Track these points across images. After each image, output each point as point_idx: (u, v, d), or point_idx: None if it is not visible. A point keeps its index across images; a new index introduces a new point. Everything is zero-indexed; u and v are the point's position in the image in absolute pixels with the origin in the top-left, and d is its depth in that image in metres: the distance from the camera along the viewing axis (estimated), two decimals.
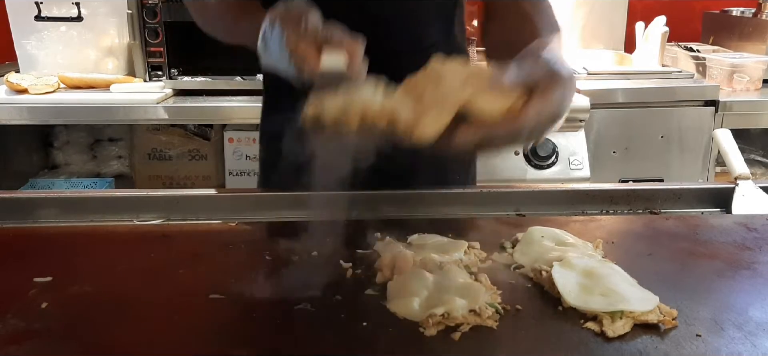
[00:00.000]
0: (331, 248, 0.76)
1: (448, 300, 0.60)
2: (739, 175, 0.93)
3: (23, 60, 1.89)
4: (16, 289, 0.66)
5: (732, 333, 0.58)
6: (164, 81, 1.84)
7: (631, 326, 0.58)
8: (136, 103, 1.73)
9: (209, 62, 1.91)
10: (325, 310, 0.61)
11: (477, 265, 0.71)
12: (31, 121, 1.73)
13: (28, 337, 0.57)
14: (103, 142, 2.16)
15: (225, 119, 1.86)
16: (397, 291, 0.63)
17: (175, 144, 2.03)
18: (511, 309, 0.61)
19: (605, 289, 0.62)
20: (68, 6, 1.85)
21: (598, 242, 0.75)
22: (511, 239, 0.77)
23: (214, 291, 0.65)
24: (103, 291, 0.66)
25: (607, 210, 0.92)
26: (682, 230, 0.84)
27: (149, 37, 1.82)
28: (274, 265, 0.72)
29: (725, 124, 1.91)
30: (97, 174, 2.15)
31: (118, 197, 0.90)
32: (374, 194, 0.91)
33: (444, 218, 0.86)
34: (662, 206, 0.92)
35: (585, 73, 2.00)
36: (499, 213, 0.91)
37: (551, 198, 0.93)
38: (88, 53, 1.91)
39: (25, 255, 0.76)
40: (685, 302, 0.62)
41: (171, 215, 0.88)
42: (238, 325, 0.60)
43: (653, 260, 0.73)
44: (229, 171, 1.95)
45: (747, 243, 0.78)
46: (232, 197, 0.91)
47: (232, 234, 0.81)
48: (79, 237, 0.83)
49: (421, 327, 0.58)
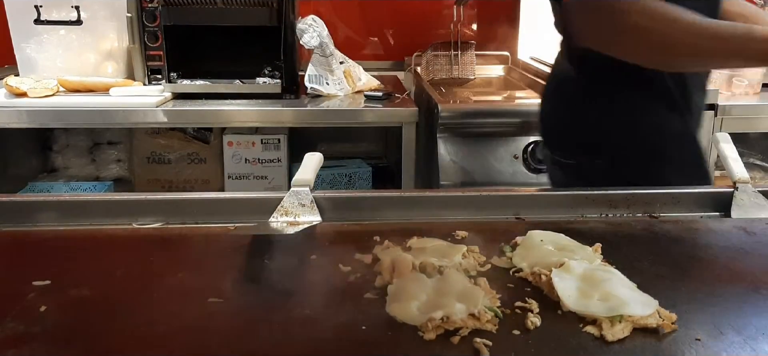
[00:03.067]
0: (331, 252, 0.76)
1: (447, 304, 0.60)
2: (739, 179, 0.93)
3: (22, 63, 1.89)
4: (14, 292, 0.65)
5: (731, 337, 0.58)
6: (164, 84, 1.84)
7: (631, 330, 0.58)
8: (135, 106, 1.73)
9: (209, 66, 1.91)
10: (324, 314, 0.61)
11: (476, 269, 0.71)
12: (31, 124, 1.72)
13: (26, 341, 0.57)
14: (103, 145, 2.16)
15: (224, 123, 1.86)
16: (396, 295, 0.63)
17: (175, 148, 2.03)
18: (510, 313, 0.61)
19: (604, 293, 0.62)
20: (68, 9, 1.85)
21: (597, 246, 0.75)
22: (510, 242, 0.77)
23: (213, 294, 0.65)
24: (101, 294, 0.66)
25: (606, 214, 0.92)
26: (682, 234, 0.84)
27: (149, 41, 1.82)
28: (273, 269, 0.72)
29: (724, 128, 1.91)
30: (97, 178, 2.15)
31: (118, 201, 0.90)
32: (374, 197, 0.91)
33: (443, 222, 0.86)
34: (661, 210, 0.92)
35: None
36: (499, 217, 0.91)
37: (551, 202, 0.93)
38: (87, 57, 1.91)
39: (23, 259, 0.76)
40: (684, 306, 0.62)
41: (170, 219, 0.88)
42: (237, 329, 0.60)
43: (652, 265, 0.73)
44: (229, 175, 1.95)
45: (746, 247, 0.78)
46: (232, 201, 0.91)
47: (232, 238, 0.81)
48: (78, 241, 0.83)
49: (420, 330, 0.58)
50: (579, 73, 1.13)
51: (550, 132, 1.23)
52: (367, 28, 2.53)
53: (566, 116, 1.17)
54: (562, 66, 1.19)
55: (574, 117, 1.15)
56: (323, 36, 1.91)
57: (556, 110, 1.20)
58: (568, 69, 1.16)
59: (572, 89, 1.15)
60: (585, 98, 1.12)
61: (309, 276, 0.72)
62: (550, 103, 1.23)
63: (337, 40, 2.17)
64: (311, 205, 0.87)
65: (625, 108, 1.09)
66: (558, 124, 1.20)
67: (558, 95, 1.20)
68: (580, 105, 1.13)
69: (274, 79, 1.86)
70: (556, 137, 1.21)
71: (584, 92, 1.12)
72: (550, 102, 1.23)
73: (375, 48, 2.54)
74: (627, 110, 1.09)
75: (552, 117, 1.21)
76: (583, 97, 1.12)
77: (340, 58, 2.03)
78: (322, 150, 1.00)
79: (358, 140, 2.31)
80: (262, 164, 1.94)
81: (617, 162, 1.09)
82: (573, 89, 1.15)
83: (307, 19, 1.90)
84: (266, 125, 1.85)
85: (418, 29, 2.50)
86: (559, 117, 1.19)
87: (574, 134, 1.15)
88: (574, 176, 1.15)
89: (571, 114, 1.16)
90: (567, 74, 1.17)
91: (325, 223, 0.85)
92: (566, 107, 1.17)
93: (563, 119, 1.18)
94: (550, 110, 1.22)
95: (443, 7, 2.47)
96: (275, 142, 1.93)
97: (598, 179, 1.03)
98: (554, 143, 1.21)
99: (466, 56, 2.35)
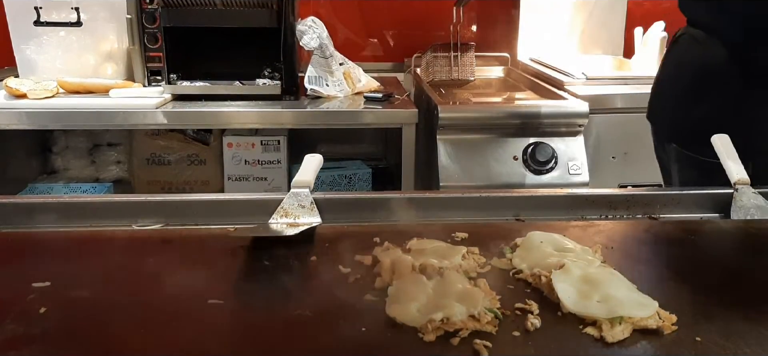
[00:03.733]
0: (330, 253, 0.76)
1: (447, 305, 0.60)
2: (738, 180, 0.93)
3: (22, 65, 1.89)
4: (14, 294, 0.65)
5: (731, 338, 0.58)
6: (163, 86, 1.84)
7: (631, 331, 0.58)
8: (135, 108, 1.73)
9: (208, 67, 1.91)
10: (324, 315, 0.61)
11: (476, 270, 0.71)
12: (30, 126, 1.72)
13: (26, 342, 0.57)
14: (102, 147, 2.16)
15: (224, 124, 1.86)
16: (396, 296, 0.63)
17: (174, 149, 2.03)
18: (510, 315, 0.61)
19: (604, 294, 0.62)
20: (68, 11, 1.85)
21: (597, 248, 0.75)
22: (510, 244, 0.77)
23: (213, 296, 0.65)
24: (101, 296, 0.66)
25: (606, 215, 0.92)
26: (681, 235, 0.84)
27: (148, 42, 1.82)
28: (273, 270, 0.72)
29: None
30: (96, 179, 2.15)
31: (117, 202, 0.90)
32: (374, 198, 0.91)
33: (443, 223, 0.86)
34: (661, 212, 0.92)
35: (584, 79, 2.01)
36: (499, 218, 0.91)
37: (550, 203, 0.93)
38: (87, 58, 1.91)
39: (23, 260, 0.76)
40: (684, 307, 0.62)
41: (170, 220, 0.88)
42: (237, 330, 0.60)
43: (652, 266, 0.73)
44: (228, 176, 1.95)
45: (746, 248, 0.78)
46: (232, 202, 0.91)
47: (232, 239, 0.81)
48: (77, 242, 0.83)
49: (420, 332, 0.58)
50: (748, 64, 1.07)
51: (683, 126, 1.16)
52: (367, 30, 2.53)
53: (715, 109, 1.11)
54: (713, 59, 1.13)
55: (731, 112, 1.09)
56: (323, 37, 1.91)
57: (698, 102, 1.13)
58: (724, 63, 1.10)
59: (736, 88, 1.09)
60: (752, 96, 1.07)
61: (309, 278, 0.72)
62: (687, 91, 1.16)
63: (337, 41, 2.17)
64: (311, 206, 0.87)
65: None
66: (698, 117, 1.13)
67: (713, 91, 1.13)
68: (740, 101, 1.08)
69: (273, 80, 1.86)
70: (697, 134, 1.11)
71: (752, 89, 1.07)
72: (685, 90, 1.16)
73: (375, 49, 2.54)
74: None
75: (687, 107, 1.15)
76: (751, 94, 1.08)
77: (340, 60, 2.03)
78: (322, 151, 1.00)
79: (357, 141, 2.31)
80: (261, 165, 1.94)
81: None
82: (738, 87, 1.09)
83: (306, 20, 1.91)
84: (266, 126, 1.85)
85: (418, 31, 2.50)
86: (703, 110, 1.12)
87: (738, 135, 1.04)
88: (713, 174, 1.06)
89: (724, 108, 1.09)
90: (723, 69, 1.11)
91: (324, 224, 0.85)
92: (721, 100, 1.10)
93: (710, 113, 1.11)
94: (686, 99, 1.16)
95: (443, 8, 2.47)
96: (275, 143, 1.93)
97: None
98: (690, 140, 1.14)
99: (466, 58, 2.35)
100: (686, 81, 1.18)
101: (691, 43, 1.19)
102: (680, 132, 1.18)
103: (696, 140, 1.13)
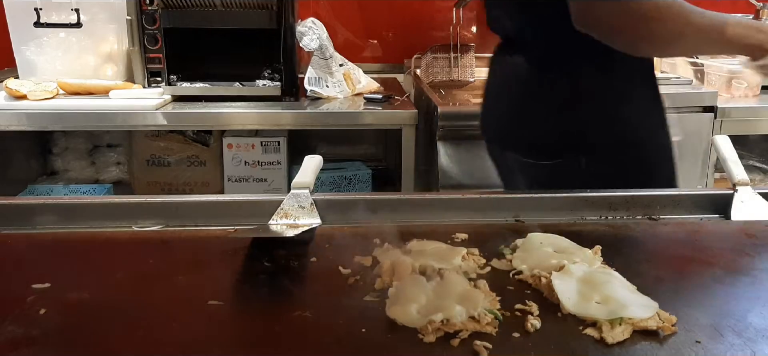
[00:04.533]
0: (330, 255, 0.76)
1: (447, 307, 0.60)
2: (738, 181, 0.93)
3: (22, 66, 1.89)
4: (14, 296, 0.65)
5: (731, 339, 0.58)
6: (163, 87, 1.84)
7: (631, 332, 0.58)
8: (135, 109, 1.73)
9: (208, 68, 1.91)
10: (324, 317, 0.61)
11: (476, 271, 0.71)
12: (30, 127, 1.73)
13: (26, 344, 0.57)
14: (102, 148, 2.16)
15: (224, 125, 1.86)
16: (396, 297, 0.63)
17: (174, 150, 2.03)
18: (510, 316, 0.61)
19: (604, 295, 0.62)
20: (67, 12, 1.85)
21: (597, 249, 0.75)
22: (510, 245, 0.77)
23: (213, 297, 0.65)
24: (101, 297, 0.66)
25: (606, 216, 0.92)
26: (681, 236, 0.84)
27: (148, 44, 1.82)
28: (273, 271, 0.72)
29: (724, 130, 1.91)
30: (96, 180, 2.15)
31: (117, 204, 0.90)
32: (374, 199, 0.91)
33: (443, 224, 0.86)
34: (661, 213, 0.92)
35: None
36: (499, 219, 0.91)
37: (550, 204, 0.93)
38: (87, 59, 1.91)
39: (23, 262, 0.76)
40: (684, 308, 0.62)
41: (170, 222, 0.88)
42: (237, 332, 0.60)
43: (652, 267, 0.73)
44: (228, 177, 1.95)
45: (746, 249, 0.78)
46: (231, 203, 0.91)
47: (231, 241, 0.81)
48: (77, 244, 0.83)
49: (420, 333, 0.58)
50: (557, 70, 1.09)
51: (516, 136, 1.17)
52: (367, 31, 2.53)
53: (541, 117, 1.12)
54: (521, 66, 1.14)
55: (556, 116, 1.10)
56: (323, 38, 1.91)
57: (526, 113, 1.15)
58: (530, 69, 1.12)
59: (550, 89, 1.10)
60: (570, 96, 1.08)
61: (309, 279, 0.72)
62: (513, 105, 1.17)
63: (337, 42, 2.17)
64: (311, 207, 0.87)
65: (611, 100, 1.07)
66: (528, 126, 1.15)
67: (528, 96, 1.14)
68: (562, 104, 1.09)
69: (273, 81, 1.86)
70: (526, 140, 1.15)
71: (568, 90, 1.08)
72: (511, 104, 1.18)
73: (374, 50, 2.54)
74: (612, 102, 1.07)
75: (518, 120, 1.16)
76: (568, 94, 1.08)
77: (340, 61, 2.03)
78: (322, 153, 1.00)
79: (357, 142, 2.31)
80: (261, 166, 1.94)
81: (600, 158, 1.07)
82: (550, 88, 1.10)
83: (306, 21, 1.91)
84: (266, 127, 1.85)
85: (418, 32, 2.50)
86: (532, 119, 1.14)
87: (555, 135, 1.10)
88: (553, 177, 1.11)
89: (550, 114, 1.11)
90: (528, 74, 1.13)
91: (324, 225, 0.85)
92: (544, 107, 1.12)
93: (537, 121, 1.13)
94: (513, 112, 1.17)
95: (443, 9, 2.47)
96: (275, 144, 1.93)
97: (579, 177, 1.02)
98: (524, 146, 1.16)
99: (466, 59, 2.35)
100: (511, 95, 1.19)
101: (506, 59, 1.21)
102: (513, 143, 1.20)
103: (530, 148, 1.15)
